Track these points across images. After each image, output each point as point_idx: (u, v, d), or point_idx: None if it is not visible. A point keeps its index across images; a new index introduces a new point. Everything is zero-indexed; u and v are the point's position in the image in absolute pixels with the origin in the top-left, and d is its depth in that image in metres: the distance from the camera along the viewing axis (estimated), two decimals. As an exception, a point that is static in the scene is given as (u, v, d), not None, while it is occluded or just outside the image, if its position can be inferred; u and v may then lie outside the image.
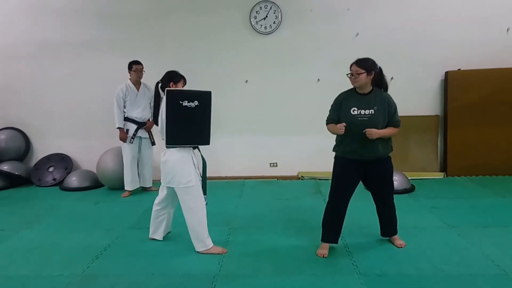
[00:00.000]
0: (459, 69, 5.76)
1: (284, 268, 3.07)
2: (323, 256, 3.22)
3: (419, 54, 5.83)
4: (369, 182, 3.31)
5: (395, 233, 3.44)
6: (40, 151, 6.36)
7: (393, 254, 3.25)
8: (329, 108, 3.28)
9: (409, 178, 5.29)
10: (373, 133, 3.01)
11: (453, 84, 5.76)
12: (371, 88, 3.14)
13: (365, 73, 3.06)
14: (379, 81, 3.17)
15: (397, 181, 5.08)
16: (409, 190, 5.08)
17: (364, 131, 3.01)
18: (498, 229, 3.71)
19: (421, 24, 5.80)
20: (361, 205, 4.63)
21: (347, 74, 3.15)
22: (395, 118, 3.17)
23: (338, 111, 3.18)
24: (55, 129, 6.31)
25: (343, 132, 3.04)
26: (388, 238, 3.48)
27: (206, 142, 3.31)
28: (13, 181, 5.98)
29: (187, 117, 3.16)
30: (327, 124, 3.28)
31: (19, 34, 6.16)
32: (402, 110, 5.77)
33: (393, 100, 3.16)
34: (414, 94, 5.89)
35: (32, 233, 4.01)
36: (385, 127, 3.12)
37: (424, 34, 5.80)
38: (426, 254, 3.22)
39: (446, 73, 5.81)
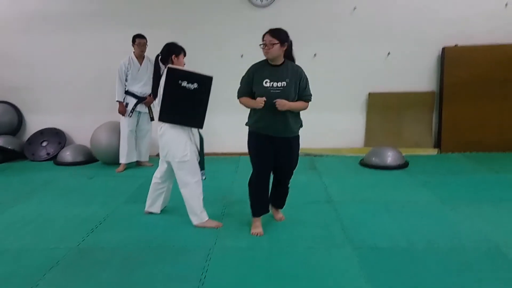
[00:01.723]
0: (456, 45, 5.72)
1: (279, 241, 3.11)
2: (258, 235, 3.20)
3: (416, 30, 5.75)
4: (276, 159, 3.21)
5: (282, 207, 3.49)
6: (33, 125, 6.29)
7: (386, 228, 3.29)
8: (241, 80, 3.20)
9: (403, 154, 5.31)
10: (284, 103, 2.92)
11: (450, 60, 5.72)
12: (283, 60, 3.07)
13: (279, 44, 2.97)
14: (289, 54, 3.11)
15: (391, 157, 5.13)
16: (403, 166, 5.11)
17: (274, 102, 2.93)
18: (491, 205, 3.75)
19: (418, 0, 5.70)
20: (354, 181, 4.68)
21: (260, 45, 3.05)
22: (306, 91, 3.09)
23: (250, 83, 3.10)
24: (48, 103, 6.22)
25: (262, 107, 2.97)
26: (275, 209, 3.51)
27: (199, 125, 3.31)
28: (6, 156, 5.93)
29: (183, 98, 3.13)
30: (238, 97, 3.20)
31: (10, 6, 5.99)
32: (398, 86, 5.86)
33: (304, 74, 3.09)
34: (410, 70, 5.86)
35: (27, 207, 4.01)
36: (296, 101, 3.06)
37: (421, 9, 5.71)
38: (418, 228, 3.26)
39: (443, 49, 5.77)
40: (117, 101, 5.17)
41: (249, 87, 3.11)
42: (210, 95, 3.31)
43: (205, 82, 3.19)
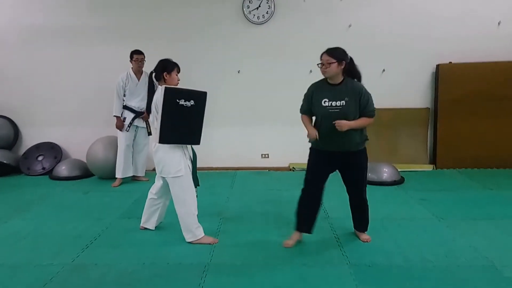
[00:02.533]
0: (450, 62, 5.79)
1: (275, 258, 3.09)
2: (286, 246, 3.24)
3: (410, 47, 5.83)
4: (343, 174, 3.29)
5: (364, 230, 3.43)
6: (29, 139, 6.30)
7: (382, 245, 3.29)
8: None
9: (399, 170, 5.33)
10: (343, 124, 2.95)
11: (444, 77, 5.79)
12: (342, 78, 3.09)
13: (336, 63, 3.00)
14: (352, 71, 3.11)
15: (387, 173, 5.13)
16: (399, 182, 5.12)
17: (334, 123, 2.96)
18: (486, 221, 3.76)
19: (413, 17, 5.79)
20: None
21: (317, 64, 3.08)
22: (368, 107, 3.08)
23: (310, 102, 3.16)
24: (44, 117, 6.23)
25: (309, 141, 3.10)
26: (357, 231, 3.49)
27: (197, 142, 3.33)
28: (2, 170, 5.90)
29: (182, 116, 3.15)
30: (301, 113, 3.27)
31: (8, 20, 6.05)
32: (393, 102, 5.91)
33: (365, 90, 3.08)
34: (405, 87, 5.92)
35: (21, 222, 3.98)
36: (358, 118, 3.08)
37: (416, 27, 5.80)
38: (414, 245, 3.26)
39: (437, 66, 5.84)
40: (114, 116, 5.19)
41: (308, 106, 3.18)
42: (206, 109, 3.33)
43: (200, 98, 3.23)
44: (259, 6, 5.83)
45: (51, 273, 2.90)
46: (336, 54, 3.01)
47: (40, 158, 6.08)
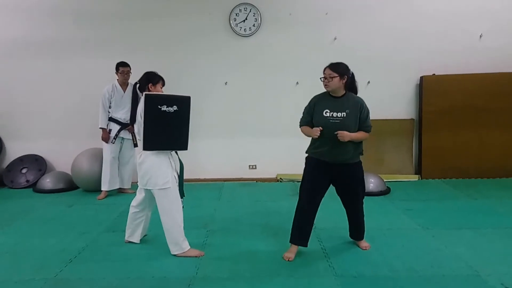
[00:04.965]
0: (434, 74, 5.90)
1: (261, 270, 3.07)
2: (288, 260, 3.22)
3: (395, 59, 5.93)
4: (338, 187, 3.33)
5: (361, 238, 3.48)
6: (13, 152, 6.19)
7: (368, 255, 3.30)
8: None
9: (385, 180, 5.38)
10: (345, 135, 3.03)
11: (428, 88, 5.89)
12: (344, 91, 3.17)
13: (338, 77, 3.08)
14: (351, 86, 3.20)
15: (373, 183, 5.17)
16: (385, 192, 5.16)
17: (336, 133, 3.03)
18: (471, 231, 3.80)
19: (397, 31, 5.90)
20: (338, 207, 4.69)
21: (320, 78, 3.18)
22: (367, 123, 3.18)
23: (311, 113, 3.22)
24: (28, 130, 6.15)
25: (317, 136, 3.07)
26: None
27: (184, 147, 3.30)
28: (-16, 183, 5.80)
29: (165, 122, 3.14)
30: (300, 126, 3.32)
31: (-9, 32, 5.99)
32: (378, 113, 5.97)
33: (365, 105, 3.19)
34: (390, 98, 6.01)
35: (3, 237, 3.89)
36: (357, 131, 3.15)
37: (400, 39, 5.92)
38: (400, 255, 3.28)
39: (421, 77, 5.94)
40: (100, 128, 5.15)
41: (309, 117, 3.22)
42: (193, 120, 3.32)
43: (183, 103, 3.21)
44: (246, 19, 5.89)
45: (33, 289, 2.84)
46: (338, 69, 3.10)
47: (24, 170, 5.99)
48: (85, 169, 5.40)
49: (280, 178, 6.07)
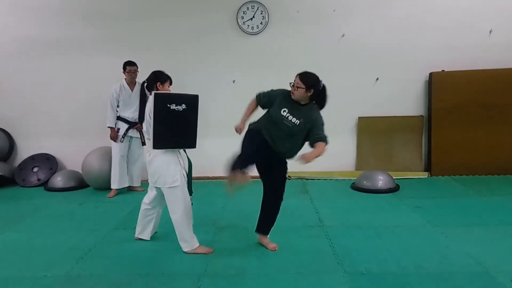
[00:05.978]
0: (443, 70, 5.85)
1: (270, 267, 3.09)
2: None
3: (403, 56, 5.89)
4: (268, 170, 3.34)
5: (267, 233, 3.45)
6: (25, 151, 6.28)
7: (377, 252, 3.29)
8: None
9: (394, 177, 5.36)
10: (308, 158, 2.83)
11: (437, 85, 5.84)
12: (308, 102, 3.15)
13: (304, 89, 3.06)
14: (320, 98, 3.14)
15: (382, 180, 5.16)
16: (394, 189, 5.14)
17: (301, 156, 2.88)
18: (480, 228, 3.77)
19: (405, 27, 5.86)
20: (346, 205, 4.69)
21: (290, 83, 3.16)
22: (316, 132, 3.06)
23: (271, 102, 3.24)
24: (40, 129, 6.23)
25: (236, 132, 3.26)
26: (261, 236, 3.49)
27: (192, 145, 3.33)
28: (-4, 182, 5.89)
29: (174, 121, 3.17)
30: (256, 98, 3.38)
31: (2, 31, 6.07)
32: (387, 110, 5.96)
33: (320, 120, 3.10)
34: (399, 95, 5.97)
35: (15, 234, 3.96)
36: (313, 142, 3.05)
37: (408, 36, 5.87)
38: (409, 252, 3.27)
39: (430, 74, 5.90)
40: (108, 127, 5.21)
41: (267, 101, 3.28)
42: (201, 119, 3.34)
43: (192, 102, 3.24)
44: (253, 16, 5.89)
45: (44, 286, 2.89)
46: (307, 81, 3.07)
47: (35, 169, 6.07)
48: (95, 167, 5.45)
49: (289, 176, 6.06)
